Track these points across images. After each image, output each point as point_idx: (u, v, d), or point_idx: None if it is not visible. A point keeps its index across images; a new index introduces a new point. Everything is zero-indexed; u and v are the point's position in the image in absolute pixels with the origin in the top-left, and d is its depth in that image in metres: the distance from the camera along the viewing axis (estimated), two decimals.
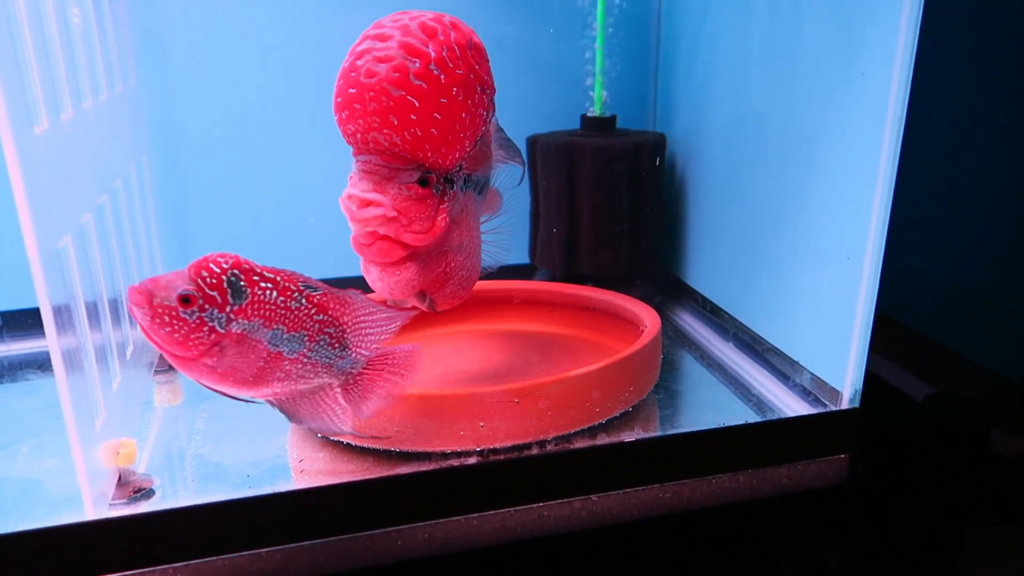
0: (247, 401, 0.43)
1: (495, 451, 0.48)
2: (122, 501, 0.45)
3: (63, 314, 0.40)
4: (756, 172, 0.63)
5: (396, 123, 0.40)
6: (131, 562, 0.42)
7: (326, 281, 0.43)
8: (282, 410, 0.43)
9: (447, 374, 0.59)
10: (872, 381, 0.53)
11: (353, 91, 0.41)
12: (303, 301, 0.41)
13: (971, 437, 0.60)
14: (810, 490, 0.53)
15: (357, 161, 0.43)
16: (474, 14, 0.73)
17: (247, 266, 0.40)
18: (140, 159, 0.64)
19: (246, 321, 0.39)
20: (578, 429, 0.51)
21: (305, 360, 0.41)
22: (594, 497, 0.49)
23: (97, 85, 0.53)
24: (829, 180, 0.54)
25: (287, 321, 0.41)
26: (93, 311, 0.46)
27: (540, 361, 0.61)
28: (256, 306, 0.40)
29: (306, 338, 0.41)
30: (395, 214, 0.42)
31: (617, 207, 0.72)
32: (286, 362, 0.41)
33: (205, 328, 0.39)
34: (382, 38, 0.41)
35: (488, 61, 0.45)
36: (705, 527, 0.52)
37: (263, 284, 0.40)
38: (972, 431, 0.60)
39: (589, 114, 0.74)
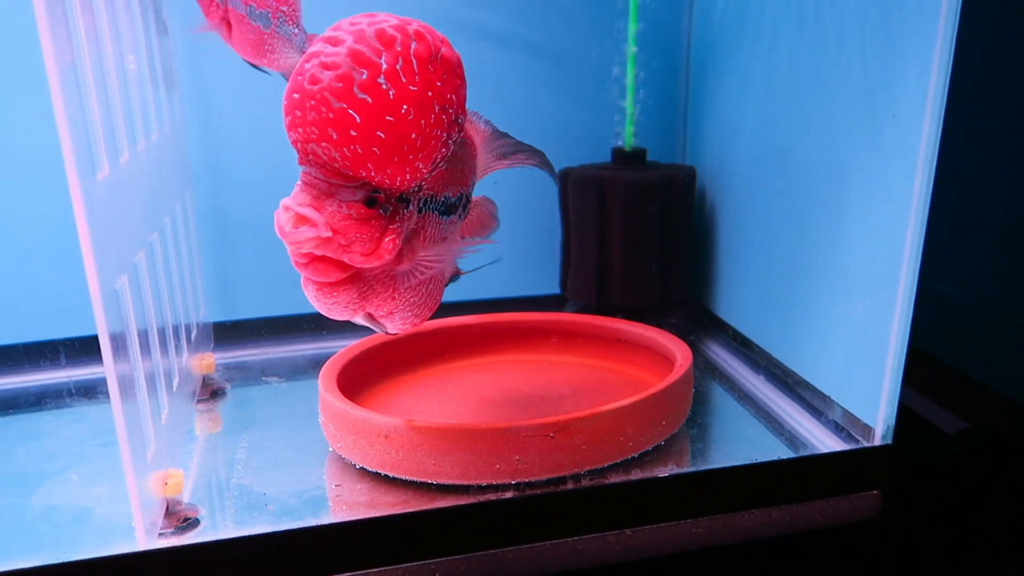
0: None
1: (531, 484, 0.49)
2: (170, 531, 0.46)
3: (120, 352, 0.42)
4: (787, 205, 0.64)
5: (335, 137, 0.37)
6: None
7: None
8: None
9: (480, 406, 0.60)
10: (904, 414, 0.53)
11: (296, 96, 0.38)
12: None
13: (1005, 472, 0.59)
14: (843, 526, 0.53)
15: (301, 172, 0.40)
16: (506, 48, 0.76)
17: None
18: (185, 193, 0.66)
19: None
20: (612, 463, 0.51)
21: None
22: (628, 531, 0.50)
23: (149, 127, 0.55)
24: (861, 214, 0.54)
25: None
26: (144, 344, 0.48)
27: (572, 394, 0.62)
28: None
29: None
30: (329, 234, 0.39)
31: (648, 240, 0.73)
32: None
33: None
34: (334, 42, 0.38)
35: (459, 78, 0.40)
36: (738, 562, 0.52)
37: None
38: (1006, 466, 0.60)
39: (620, 147, 0.75)
